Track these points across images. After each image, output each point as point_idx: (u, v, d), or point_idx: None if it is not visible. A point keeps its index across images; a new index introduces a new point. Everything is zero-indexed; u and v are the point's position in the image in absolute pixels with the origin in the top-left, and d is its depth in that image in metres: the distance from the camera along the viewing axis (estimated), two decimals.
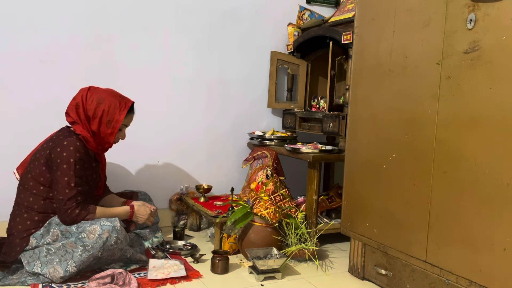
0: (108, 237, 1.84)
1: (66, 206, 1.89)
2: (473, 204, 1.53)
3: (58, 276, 1.80)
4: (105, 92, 2.05)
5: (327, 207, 2.69)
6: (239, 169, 2.99)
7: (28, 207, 1.94)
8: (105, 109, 2.00)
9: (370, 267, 2.04)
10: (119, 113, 2.03)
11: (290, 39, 3.00)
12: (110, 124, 2.02)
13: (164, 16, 2.71)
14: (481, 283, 1.51)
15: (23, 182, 1.98)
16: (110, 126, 2.02)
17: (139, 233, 2.33)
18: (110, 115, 2.02)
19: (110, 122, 2.02)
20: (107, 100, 2.02)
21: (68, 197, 1.89)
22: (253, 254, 2.08)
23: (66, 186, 1.89)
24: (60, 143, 1.93)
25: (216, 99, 2.92)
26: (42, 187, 1.94)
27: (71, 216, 1.89)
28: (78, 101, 2.01)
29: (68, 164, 1.90)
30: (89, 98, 2.01)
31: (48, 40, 2.44)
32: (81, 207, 1.92)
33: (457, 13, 1.58)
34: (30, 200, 1.94)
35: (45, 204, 1.94)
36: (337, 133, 2.48)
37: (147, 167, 2.76)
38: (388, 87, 1.89)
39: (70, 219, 1.89)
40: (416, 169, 1.75)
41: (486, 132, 1.49)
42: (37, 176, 1.94)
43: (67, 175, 1.90)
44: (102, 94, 2.03)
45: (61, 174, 1.89)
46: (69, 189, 1.90)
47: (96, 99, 2.01)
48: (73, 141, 1.93)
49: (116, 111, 2.03)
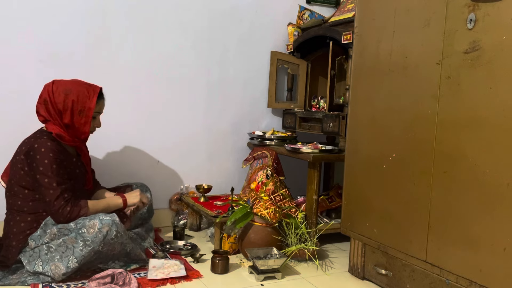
0: (108, 231, 1.84)
1: (55, 206, 1.88)
2: (473, 204, 1.53)
3: (60, 272, 1.79)
4: (70, 83, 2.01)
5: (327, 207, 2.69)
6: (239, 169, 2.99)
7: (18, 211, 1.94)
8: (74, 99, 1.96)
9: (370, 267, 2.04)
10: (90, 100, 1.99)
11: (290, 39, 3.00)
12: (82, 113, 1.98)
13: (164, 16, 2.71)
14: (481, 283, 1.51)
15: (8, 189, 1.98)
16: (83, 115, 1.99)
17: (137, 232, 2.34)
18: (81, 104, 1.97)
19: (82, 111, 1.98)
20: (74, 90, 1.97)
21: (54, 197, 1.87)
22: (253, 254, 2.08)
23: (49, 187, 1.87)
24: (32, 146, 1.91)
25: (216, 99, 2.92)
26: (27, 190, 1.93)
27: (63, 214, 1.88)
28: (45, 97, 1.96)
29: (44, 166, 1.87)
30: (55, 91, 1.96)
31: (48, 40, 2.45)
32: (71, 203, 1.90)
33: (457, 13, 1.58)
34: (19, 203, 1.94)
35: (33, 205, 1.94)
36: (337, 133, 2.48)
37: (147, 167, 2.76)
38: (388, 87, 1.89)
39: (63, 218, 1.88)
40: (416, 169, 1.75)
41: (486, 132, 1.49)
42: (19, 181, 1.93)
43: (47, 177, 1.87)
44: (68, 85, 1.99)
45: (40, 177, 1.88)
46: (53, 189, 1.88)
47: (62, 91, 1.96)
48: (43, 142, 1.90)
49: (86, 99, 1.98)
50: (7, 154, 2.34)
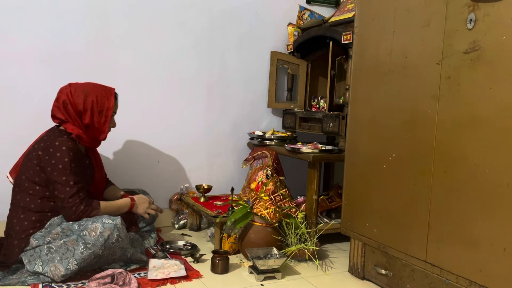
0: (109, 235, 1.85)
1: (69, 203, 1.90)
2: (473, 204, 1.53)
3: (60, 274, 1.79)
4: (86, 85, 2.07)
5: (327, 207, 2.69)
6: (239, 169, 2.99)
7: (24, 208, 1.94)
8: (94, 99, 2.02)
9: (370, 267, 2.04)
10: (108, 100, 2.06)
11: (290, 39, 3.00)
12: (102, 113, 2.05)
13: (164, 16, 2.71)
14: (481, 283, 1.51)
15: (18, 184, 1.99)
16: (102, 115, 2.05)
17: (139, 233, 2.34)
18: (100, 104, 2.04)
19: (102, 111, 2.05)
20: (92, 91, 2.03)
21: (70, 195, 1.91)
22: (253, 254, 2.08)
23: (65, 184, 1.91)
24: (52, 143, 1.93)
25: (216, 99, 2.92)
26: (38, 186, 1.95)
27: (76, 212, 1.91)
28: (64, 99, 2.01)
29: (63, 164, 1.91)
30: (74, 93, 2.01)
31: (48, 40, 2.45)
32: (85, 203, 1.94)
33: (457, 13, 1.58)
34: (26, 200, 1.95)
35: (42, 203, 1.95)
36: (337, 133, 2.48)
37: (147, 167, 2.76)
38: (388, 87, 1.90)
39: (75, 216, 1.91)
40: (416, 169, 1.75)
41: (486, 132, 1.49)
42: (32, 176, 1.95)
43: (65, 175, 1.91)
44: (85, 87, 2.05)
45: (58, 175, 1.90)
46: (70, 187, 1.91)
47: (81, 92, 2.01)
48: (65, 141, 1.94)
49: (104, 99, 2.05)
50: (8, 154, 2.36)
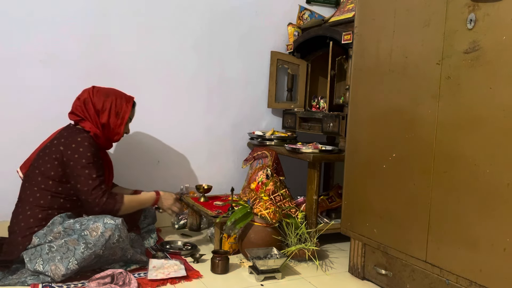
0: (110, 235, 1.85)
1: (93, 195, 1.96)
2: (473, 204, 1.53)
3: (60, 273, 1.79)
4: (109, 89, 2.18)
5: (327, 207, 2.69)
6: (239, 169, 2.99)
7: (33, 203, 1.96)
8: (113, 101, 2.12)
9: (370, 267, 2.04)
10: (126, 105, 2.16)
11: (290, 39, 3.00)
12: (119, 115, 2.14)
13: (164, 16, 2.71)
14: (481, 283, 1.51)
15: (29, 179, 2.01)
16: (119, 117, 2.14)
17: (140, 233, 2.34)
18: (118, 106, 2.13)
19: (119, 113, 2.14)
20: (112, 94, 2.15)
21: (93, 187, 1.96)
22: (253, 254, 2.08)
23: (88, 177, 1.97)
24: (74, 139, 2.00)
25: (216, 99, 2.92)
26: (51, 181, 1.98)
27: (99, 204, 1.97)
28: (86, 97, 2.10)
29: (86, 158, 1.98)
30: (95, 93, 2.12)
31: (48, 40, 2.45)
32: (108, 195, 1.99)
33: (457, 13, 1.58)
34: (36, 196, 1.97)
35: (52, 199, 1.97)
36: (337, 133, 2.48)
37: (147, 167, 2.76)
38: (388, 87, 1.89)
39: (99, 208, 1.97)
40: (416, 169, 1.75)
41: (486, 132, 1.49)
42: (47, 171, 1.98)
43: (87, 168, 1.97)
44: (107, 90, 2.17)
45: (81, 168, 1.96)
46: (92, 180, 1.97)
47: (103, 94, 2.13)
48: (86, 137, 2.03)
49: (123, 103, 2.15)
50: (8, 154, 2.36)
